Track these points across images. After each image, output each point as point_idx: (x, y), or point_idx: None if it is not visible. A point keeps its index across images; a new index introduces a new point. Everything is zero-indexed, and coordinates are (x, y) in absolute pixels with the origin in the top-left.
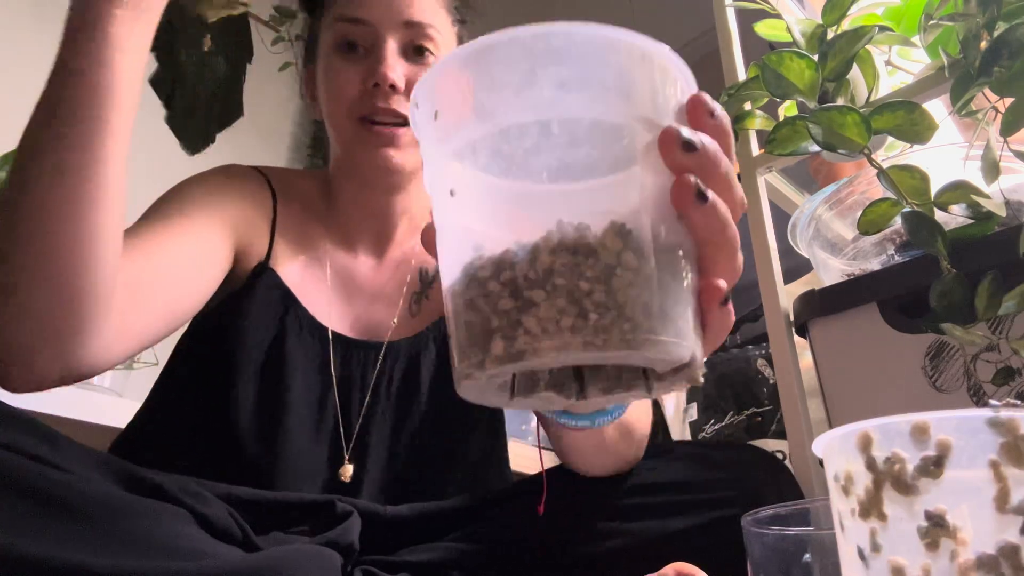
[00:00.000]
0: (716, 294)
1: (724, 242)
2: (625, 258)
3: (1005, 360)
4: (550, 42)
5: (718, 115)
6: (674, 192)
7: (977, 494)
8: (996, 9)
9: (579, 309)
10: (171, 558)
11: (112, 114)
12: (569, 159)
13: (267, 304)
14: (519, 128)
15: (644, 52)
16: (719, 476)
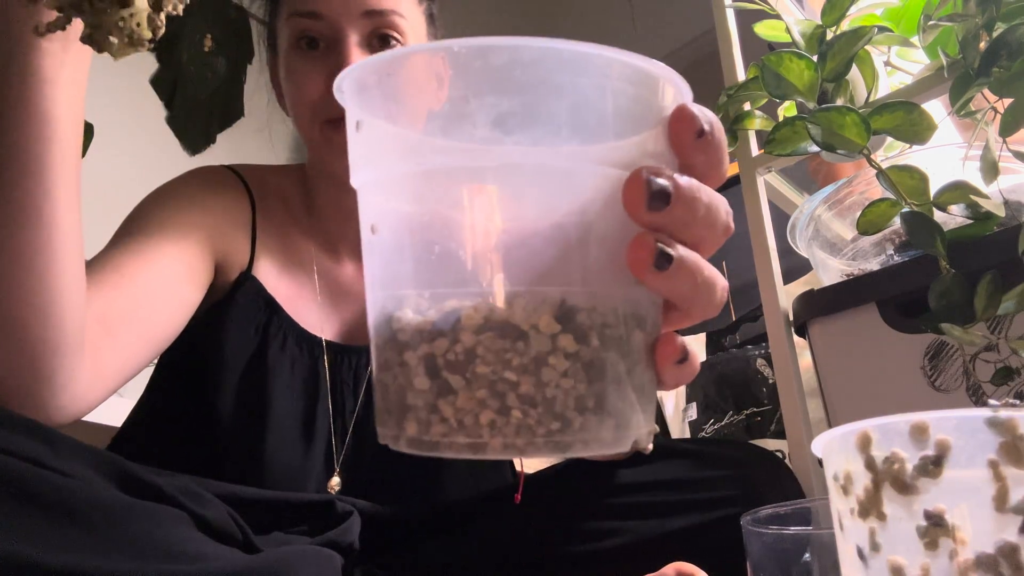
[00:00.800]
0: (671, 355)
1: (696, 293)
2: (561, 343)
3: (1004, 360)
4: (489, 61)
5: (708, 132)
6: (629, 256)
7: (976, 494)
8: (995, 9)
9: (500, 404)
10: (170, 561)
11: (50, 151)
12: (505, 212)
13: (249, 314)
14: (446, 173)
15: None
16: (719, 475)
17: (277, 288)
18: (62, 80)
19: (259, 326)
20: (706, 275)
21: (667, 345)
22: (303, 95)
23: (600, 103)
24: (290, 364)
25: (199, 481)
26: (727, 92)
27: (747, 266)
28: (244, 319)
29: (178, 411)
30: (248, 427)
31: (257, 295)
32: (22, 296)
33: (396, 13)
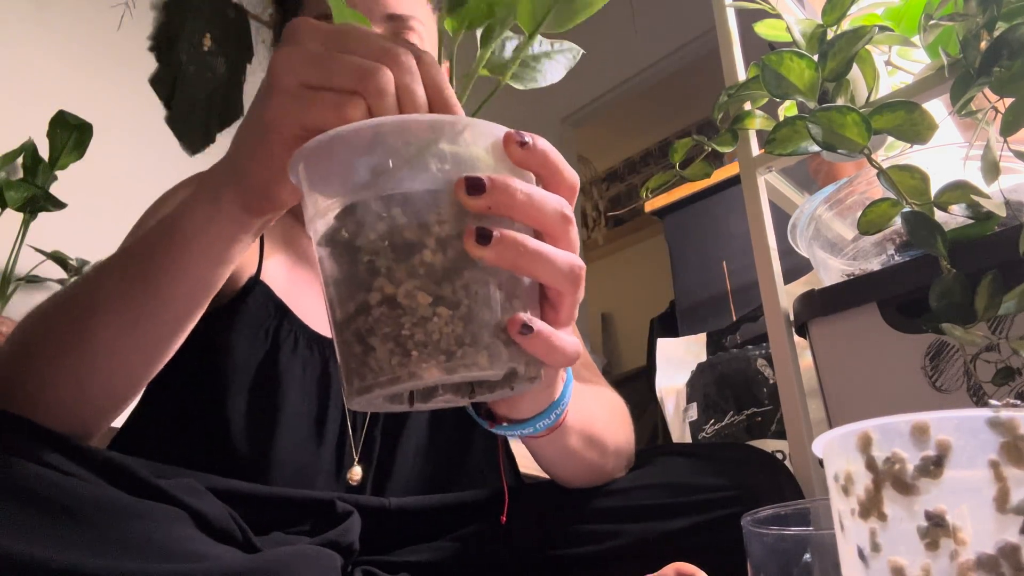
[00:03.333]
0: (513, 327)
1: (529, 262)
2: (439, 311)
3: (1005, 360)
4: (361, 135)
5: (529, 143)
6: (464, 241)
7: (977, 494)
8: (996, 9)
9: (402, 349)
10: (169, 560)
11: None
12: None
13: (259, 319)
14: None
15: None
16: (719, 476)
17: (285, 289)
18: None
19: (269, 330)
20: (534, 247)
21: (511, 320)
22: None
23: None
24: (301, 366)
25: (200, 477)
26: (727, 92)
27: (747, 266)
28: (254, 324)
29: (185, 412)
30: (260, 430)
31: (267, 299)
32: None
33: (415, 19)
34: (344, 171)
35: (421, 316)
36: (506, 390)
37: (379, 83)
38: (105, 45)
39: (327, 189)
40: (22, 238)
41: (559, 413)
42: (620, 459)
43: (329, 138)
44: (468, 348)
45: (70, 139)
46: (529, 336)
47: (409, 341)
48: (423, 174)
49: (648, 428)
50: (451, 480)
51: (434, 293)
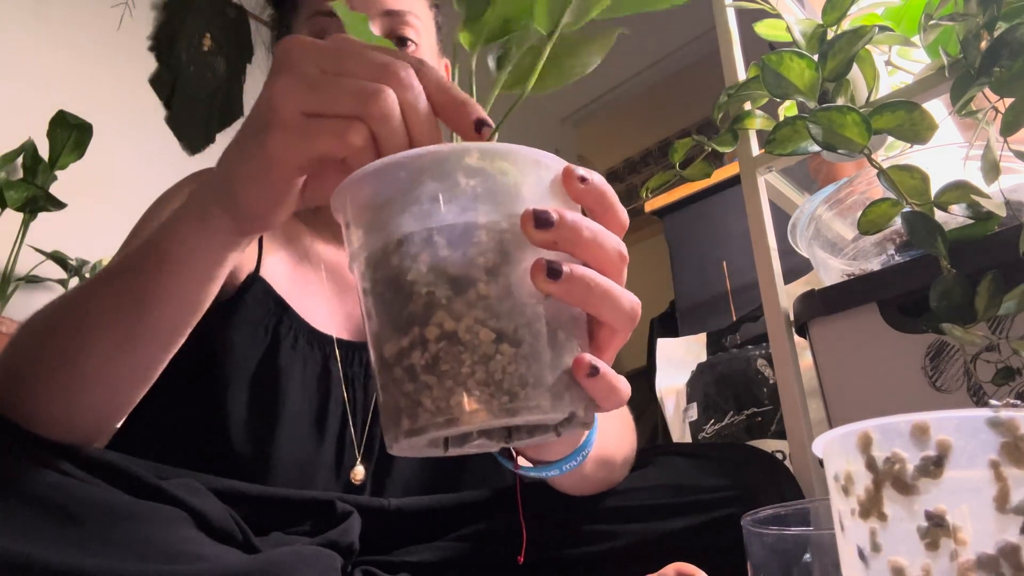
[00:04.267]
0: (581, 369)
1: (597, 300)
2: (501, 348)
3: (1005, 360)
4: (424, 161)
5: (590, 179)
6: (531, 276)
7: (977, 494)
8: (996, 9)
9: (463, 388)
10: (169, 561)
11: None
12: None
13: (258, 316)
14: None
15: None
16: (719, 477)
17: (285, 286)
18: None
19: (269, 327)
20: (603, 285)
21: (577, 362)
22: None
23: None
24: (302, 363)
25: (200, 478)
26: (727, 92)
27: (747, 266)
28: (254, 320)
29: (185, 409)
30: (260, 427)
31: (266, 296)
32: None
33: (412, 14)
34: (393, 203)
35: (483, 353)
36: (550, 435)
37: (382, 107)
38: (105, 45)
39: (375, 222)
40: (22, 238)
41: (585, 455)
42: (626, 468)
43: (376, 170)
44: (531, 390)
45: (70, 139)
46: (595, 379)
47: (470, 380)
48: (477, 204)
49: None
50: (452, 478)
51: (496, 329)
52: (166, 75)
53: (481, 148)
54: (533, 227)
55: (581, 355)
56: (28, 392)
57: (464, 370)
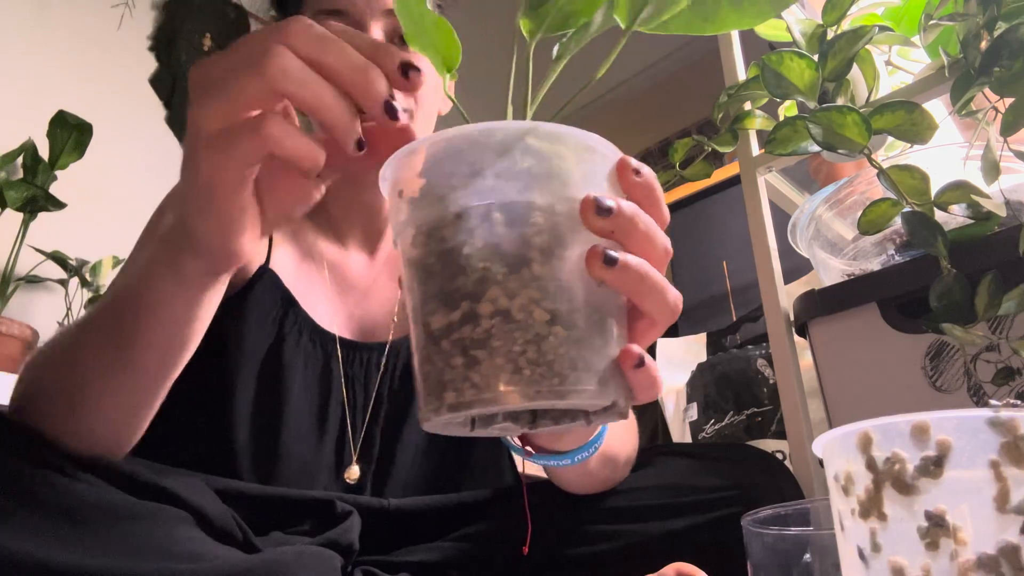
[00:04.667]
0: (630, 359)
1: (646, 291)
2: (554, 329)
3: (1005, 360)
4: (494, 136)
5: (643, 172)
6: (586, 261)
7: (977, 494)
8: (996, 9)
9: (514, 366)
10: (170, 560)
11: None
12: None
13: (266, 307)
14: (464, 212)
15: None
16: (719, 477)
17: (291, 282)
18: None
19: (276, 319)
20: (654, 277)
21: (626, 352)
22: None
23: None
24: (304, 360)
25: (201, 477)
26: (727, 92)
27: (747, 266)
28: (262, 312)
29: (193, 403)
30: (265, 420)
31: (274, 288)
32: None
33: None
34: (454, 176)
35: (536, 333)
36: (577, 422)
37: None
38: (105, 45)
39: (434, 193)
40: (22, 238)
41: (597, 447)
42: (627, 467)
43: (441, 142)
44: (581, 374)
45: (70, 139)
46: (640, 370)
47: (522, 358)
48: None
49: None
50: (452, 478)
51: (550, 310)
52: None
53: (542, 129)
54: (594, 213)
55: (629, 345)
56: (37, 423)
57: (516, 348)
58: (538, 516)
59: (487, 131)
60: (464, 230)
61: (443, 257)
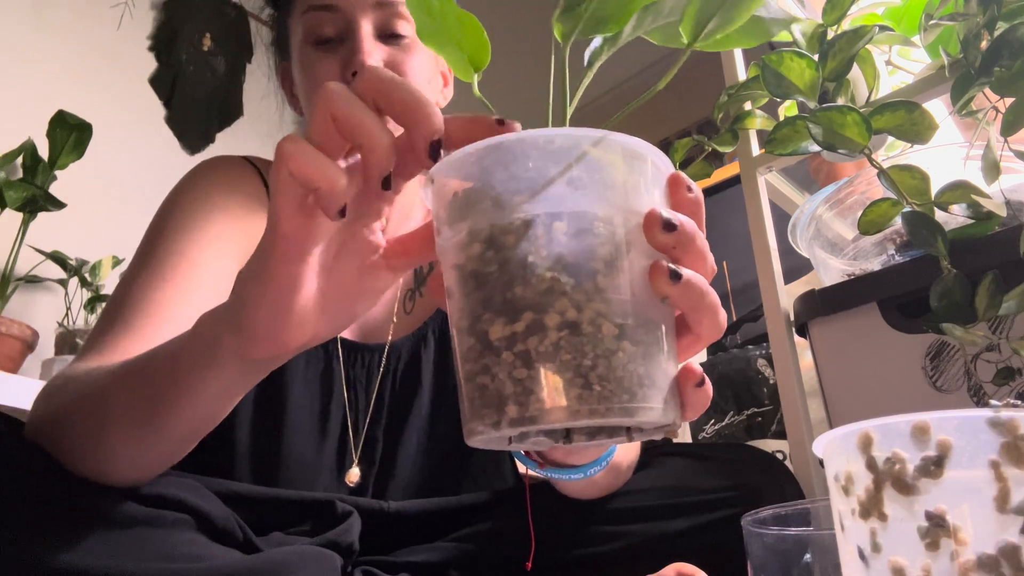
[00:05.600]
0: (692, 378)
1: (704, 308)
2: (623, 344)
3: (1005, 360)
4: (558, 143)
5: (694, 190)
6: (651, 276)
7: (978, 494)
8: (996, 9)
9: (584, 381)
10: (169, 562)
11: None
12: (570, 250)
13: None
14: (529, 220)
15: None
16: (719, 477)
17: None
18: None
19: None
20: (712, 295)
21: (687, 370)
22: (319, 85)
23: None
24: (305, 360)
25: (200, 480)
26: (728, 91)
27: (748, 266)
28: None
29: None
30: (266, 421)
31: None
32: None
33: (404, 6)
34: (520, 182)
35: (607, 348)
36: (620, 438)
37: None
38: (105, 45)
39: (498, 199)
40: (21, 238)
41: (610, 459)
42: (629, 473)
43: (509, 145)
44: (648, 391)
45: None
46: (700, 389)
47: (592, 373)
48: (597, 194)
49: None
50: (452, 479)
51: (619, 325)
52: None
53: (606, 138)
54: (660, 229)
55: (690, 364)
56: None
57: (586, 362)
58: (539, 517)
59: (550, 138)
60: (529, 238)
61: (504, 265)
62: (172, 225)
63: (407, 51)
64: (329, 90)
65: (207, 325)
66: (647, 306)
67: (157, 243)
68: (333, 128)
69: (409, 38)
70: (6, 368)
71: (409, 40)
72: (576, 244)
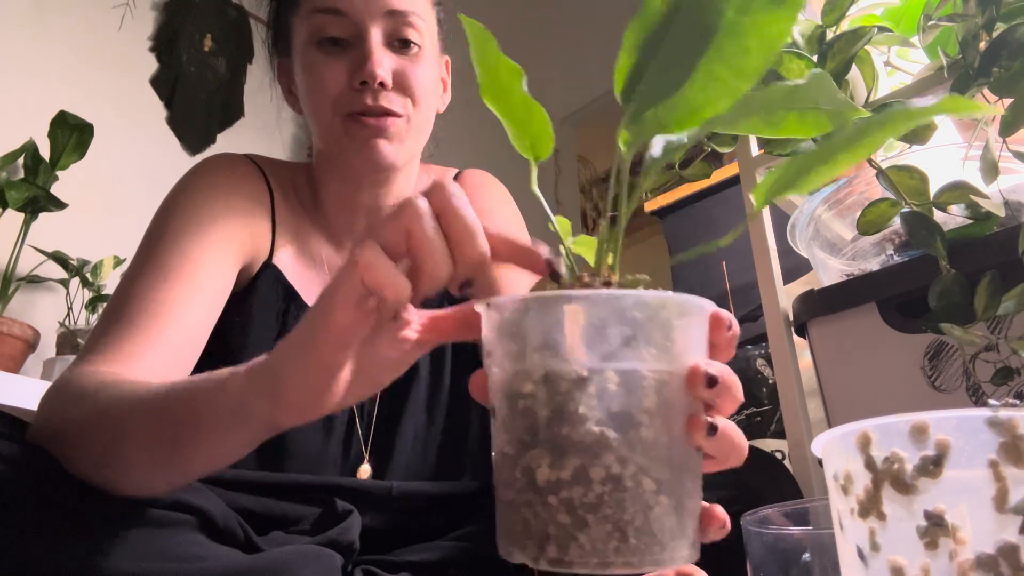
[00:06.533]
0: (716, 523)
1: (734, 454)
2: (660, 499)
3: (1004, 360)
4: (622, 303)
5: (734, 327)
6: (689, 429)
7: (976, 494)
8: (995, 9)
9: (622, 534)
10: (171, 562)
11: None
12: (620, 404)
13: (270, 302)
14: (588, 374)
15: (688, 308)
16: (718, 476)
17: (293, 278)
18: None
19: (279, 313)
20: (741, 443)
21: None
22: (325, 90)
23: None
24: None
25: None
26: None
27: (747, 266)
28: (266, 307)
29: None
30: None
31: (277, 282)
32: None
33: (415, 14)
34: (582, 335)
35: (645, 503)
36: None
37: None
38: (106, 45)
39: (558, 347)
40: (23, 238)
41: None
42: None
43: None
44: (678, 541)
45: (71, 139)
46: (723, 530)
47: (630, 527)
48: (646, 349)
49: None
50: (454, 465)
51: (657, 479)
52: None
53: (670, 301)
54: (704, 386)
55: (716, 509)
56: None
57: (626, 517)
58: None
59: (616, 296)
60: (584, 389)
61: (557, 410)
62: (174, 225)
63: (415, 61)
64: (415, 207)
65: (237, 388)
66: (682, 456)
67: (159, 243)
68: (404, 240)
69: (419, 47)
70: (7, 368)
71: (418, 49)
72: (625, 399)
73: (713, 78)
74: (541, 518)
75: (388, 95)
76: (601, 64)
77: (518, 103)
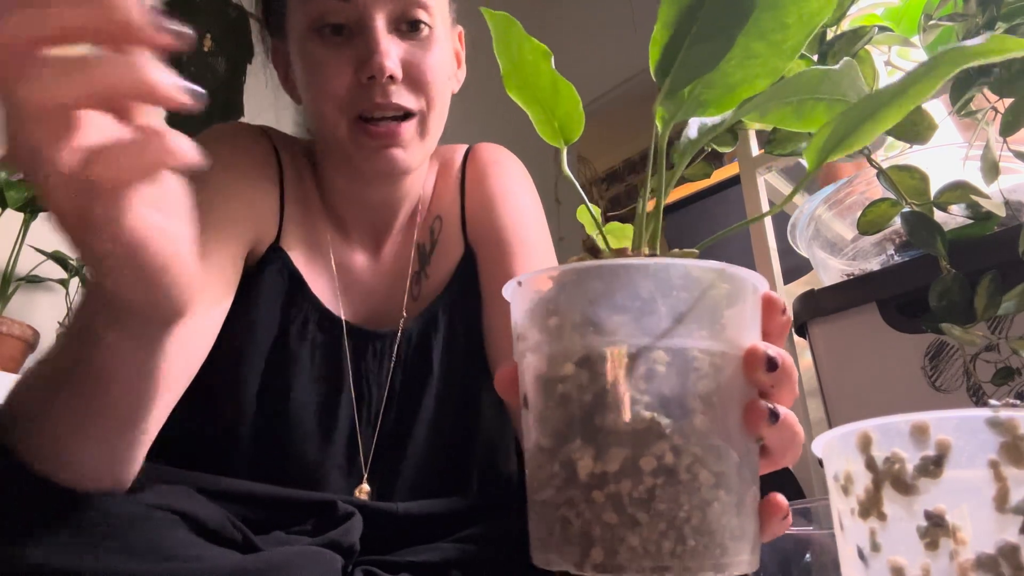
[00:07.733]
0: (778, 512)
1: (794, 446)
2: (719, 494)
3: (1004, 360)
4: (671, 273)
5: (787, 312)
6: (748, 417)
7: (977, 494)
8: (995, 9)
9: (678, 534)
10: (167, 561)
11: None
12: (671, 387)
13: (275, 288)
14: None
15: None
16: None
17: (300, 264)
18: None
19: (284, 300)
20: (800, 431)
21: (776, 504)
22: (329, 89)
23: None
24: (311, 344)
25: (204, 478)
26: None
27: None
28: (272, 294)
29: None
30: (272, 420)
31: (283, 267)
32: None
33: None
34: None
35: (703, 498)
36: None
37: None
38: None
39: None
40: (22, 238)
41: None
42: None
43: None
44: (739, 543)
45: None
46: (785, 521)
47: (687, 526)
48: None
49: None
50: (461, 481)
51: (715, 472)
52: None
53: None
54: (764, 369)
55: (777, 497)
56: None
57: (682, 514)
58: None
59: (662, 266)
60: (630, 370)
61: (599, 394)
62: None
63: (426, 46)
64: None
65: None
66: (740, 449)
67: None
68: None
69: (431, 28)
70: (7, 368)
71: (429, 31)
72: (677, 381)
73: (751, 55)
74: (584, 518)
75: (399, 89)
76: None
77: (545, 84)
